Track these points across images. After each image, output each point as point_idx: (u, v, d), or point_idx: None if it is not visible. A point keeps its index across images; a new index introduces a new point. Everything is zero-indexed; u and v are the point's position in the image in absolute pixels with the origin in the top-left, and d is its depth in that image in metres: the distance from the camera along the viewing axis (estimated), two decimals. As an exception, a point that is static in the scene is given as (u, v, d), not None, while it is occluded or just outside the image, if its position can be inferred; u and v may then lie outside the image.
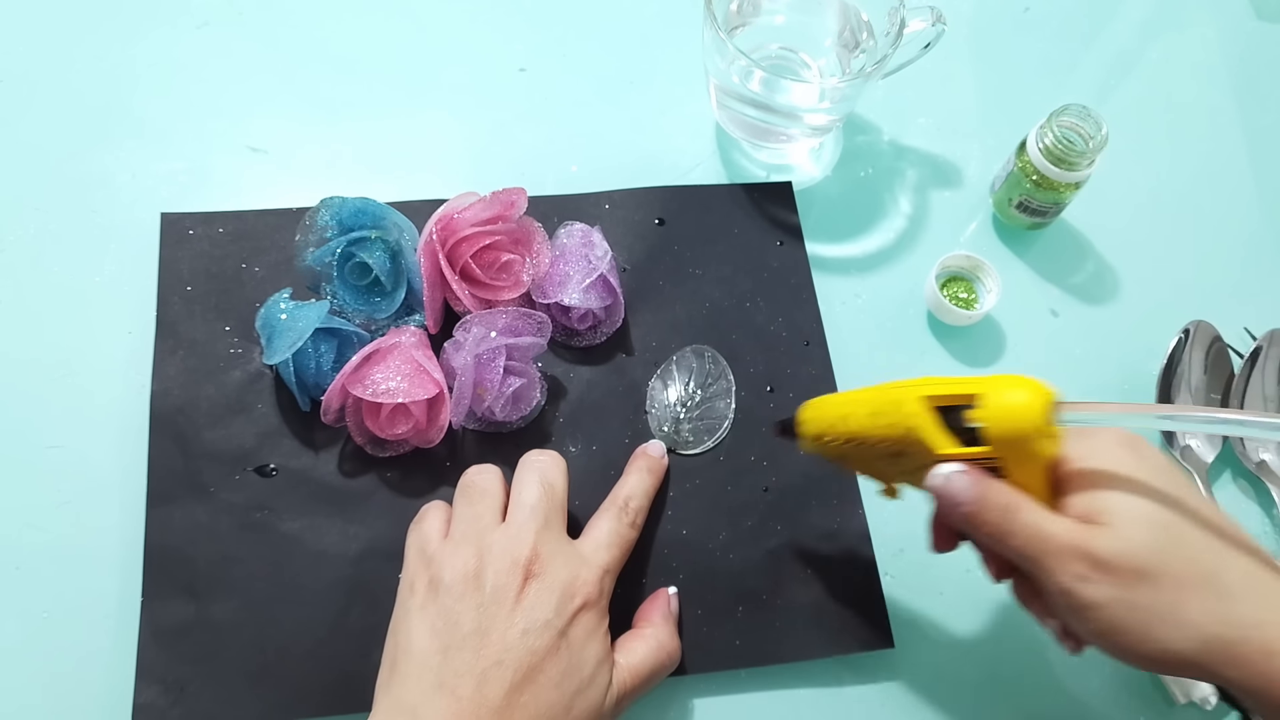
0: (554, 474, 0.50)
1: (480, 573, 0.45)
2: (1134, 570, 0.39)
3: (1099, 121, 0.61)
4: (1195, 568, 0.40)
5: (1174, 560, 0.40)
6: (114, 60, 0.67)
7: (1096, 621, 0.40)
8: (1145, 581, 0.39)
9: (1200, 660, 0.39)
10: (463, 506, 0.49)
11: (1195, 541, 0.40)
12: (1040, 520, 0.41)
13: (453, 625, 0.44)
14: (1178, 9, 0.82)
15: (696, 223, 0.65)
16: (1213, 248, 0.71)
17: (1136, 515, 0.40)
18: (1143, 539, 0.40)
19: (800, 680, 0.54)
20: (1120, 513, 0.40)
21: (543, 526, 0.47)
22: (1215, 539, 0.41)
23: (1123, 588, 0.40)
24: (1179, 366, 0.63)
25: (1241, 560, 0.40)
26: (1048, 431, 0.40)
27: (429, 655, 0.43)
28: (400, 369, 0.53)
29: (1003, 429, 0.40)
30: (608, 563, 0.49)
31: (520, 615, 0.44)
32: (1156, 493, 0.41)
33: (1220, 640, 0.39)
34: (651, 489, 0.55)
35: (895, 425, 0.43)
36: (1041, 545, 0.41)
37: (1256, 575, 0.40)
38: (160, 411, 0.55)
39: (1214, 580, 0.40)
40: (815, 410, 0.49)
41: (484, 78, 0.70)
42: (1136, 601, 0.40)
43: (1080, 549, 0.40)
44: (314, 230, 0.55)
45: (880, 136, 0.72)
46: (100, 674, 0.50)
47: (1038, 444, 0.40)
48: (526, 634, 0.43)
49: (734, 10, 0.66)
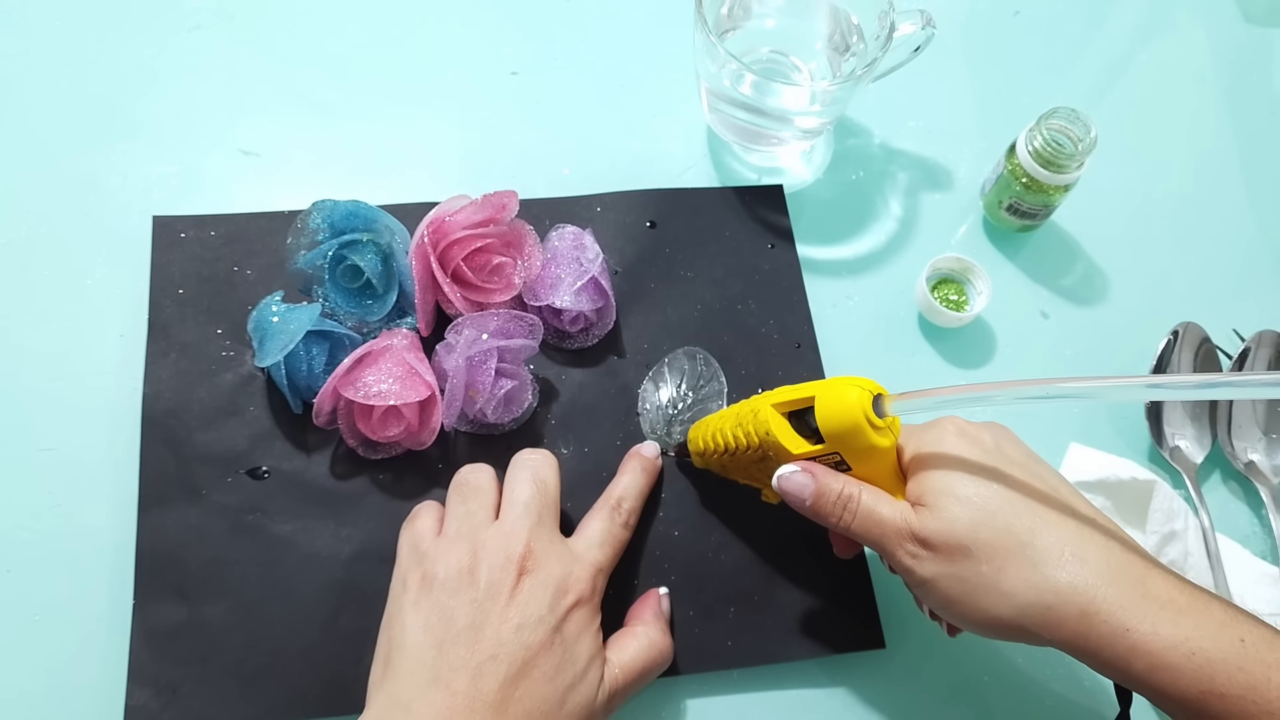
0: (546, 471, 0.51)
1: (474, 569, 0.45)
2: (954, 546, 0.43)
3: (1088, 124, 0.62)
4: (1010, 539, 0.43)
5: (990, 534, 0.43)
6: (106, 63, 0.67)
7: (933, 595, 0.45)
8: (965, 556, 0.43)
9: (1023, 624, 0.42)
10: (456, 504, 0.49)
11: (1011, 514, 0.43)
12: (874, 506, 0.46)
13: (447, 621, 0.44)
14: (1166, 13, 0.82)
15: (688, 225, 0.65)
16: (1202, 250, 0.71)
17: (955, 495, 0.44)
18: (960, 516, 0.43)
19: (792, 680, 0.54)
20: (941, 493, 0.44)
21: (536, 524, 0.48)
22: (1032, 510, 0.44)
23: (947, 563, 0.44)
24: (1168, 368, 0.64)
25: (1057, 528, 0.43)
26: (877, 424, 0.44)
27: (423, 650, 0.43)
28: (392, 371, 0.53)
29: (832, 425, 0.44)
30: (600, 561, 0.49)
31: (515, 610, 0.44)
32: (977, 471, 0.44)
33: (1036, 606, 0.42)
34: (645, 489, 0.55)
35: (754, 433, 0.48)
36: (878, 529, 0.45)
37: (1071, 541, 0.43)
38: (152, 414, 0.55)
39: (1028, 549, 0.42)
40: (697, 429, 0.54)
41: (476, 81, 0.71)
42: (961, 574, 0.43)
43: (908, 530, 0.45)
44: (306, 233, 0.55)
45: (871, 139, 0.73)
46: (92, 676, 0.50)
47: (868, 436, 0.44)
48: (521, 629, 0.44)
49: (725, 14, 0.66)
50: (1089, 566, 0.42)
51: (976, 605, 0.43)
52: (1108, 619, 0.41)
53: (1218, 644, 0.40)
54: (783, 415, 0.48)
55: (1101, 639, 0.41)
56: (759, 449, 0.48)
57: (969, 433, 0.46)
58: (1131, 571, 0.42)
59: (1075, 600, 0.41)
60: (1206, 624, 0.40)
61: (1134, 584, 0.41)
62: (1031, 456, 0.47)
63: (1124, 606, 0.41)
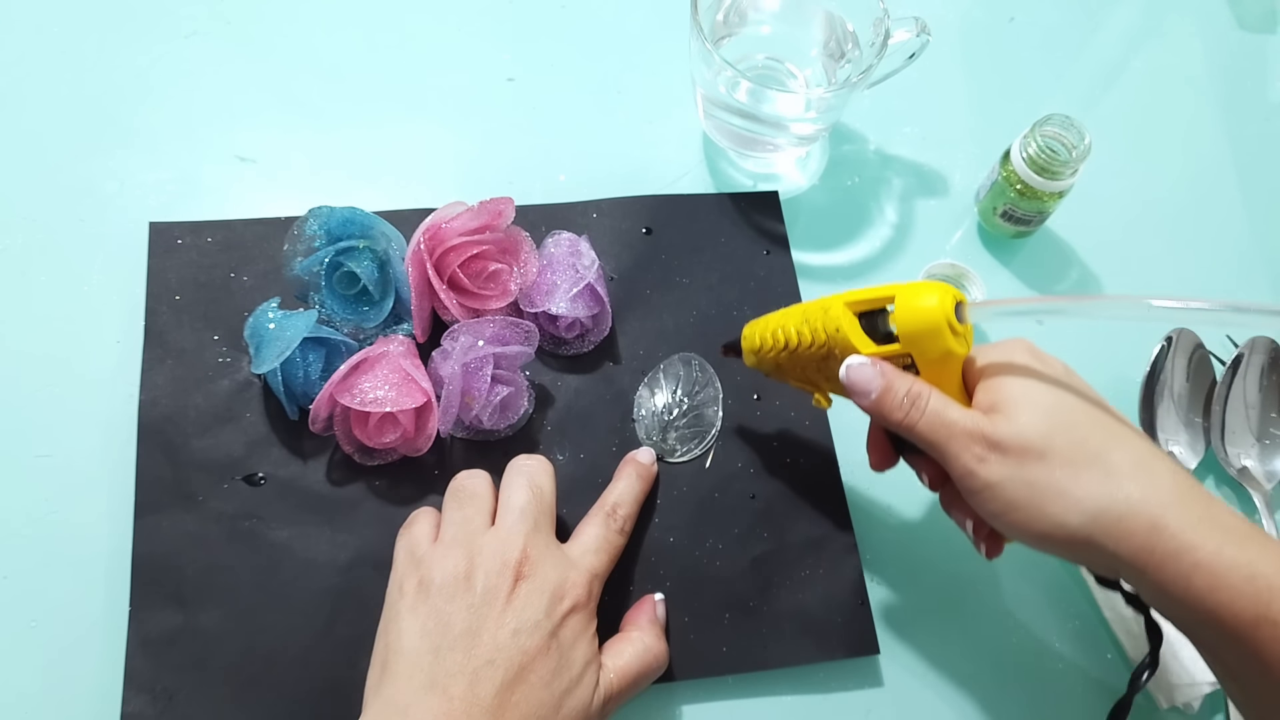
0: (542, 477, 0.51)
1: (471, 574, 0.46)
2: (1026, 449, 0.43)
3: (1082, 131, 0.62)
4: (1084, 449, 0.43)
5: (1064, 441, 0.43)
6: (103, 70, 0.67)
7: (995, 500, 0.44)
8: (1039, 459, 0.43)
9: (1089, 534, 0.42)
10: (452, 510, 0.49)
11: (1085, 425, 0.44)
12: (943, 408, 0.45)
13: (444, 626, 0.44)
14: (1161, 19, 0.83)
15: (683, 232, 0.65)
16: (1195, 255, 0.72)
17: (1029, 402, 0.44)
18: (1034, 422, 0.44)
19: (787, 686, 0.55)
20: (1017, 400, 0.45)
21: (532, 529, 0.48)
22: (1104, 425, 0.44)
23: (1017, 466, 0.43)
24: (1162, 374, 0.64)
25: (1129, 444, 0.44)
26: (956, 329, 0.44)
27: (420, 655, 0.44)
28: (388, 378, 0.54)
29: (911, 326, 0.44)
30: (595, 567, 0.49)
31: (511, 615, 0.44)
32: (1050, 383, 0.45)
33: (1109, 514, 0.42)
34: (640, 495, 0.55)
35: (820, 329, 0.48)
36: (945, 431, 0.45)
37: (1142, 458, 0.43)
38: (148, 420, 0.55)
39: (1102, 460, 0.43)
40: (755, 326, 0.54)
41: (472, 88, 0.71)
42: (1030, 478, 0.43)
43: (978, 433, 0.44)
44: (302, 240, 0.56)
45: (866, 146, 0.73)
46: (88, 683, 0.50)
47: (945, 340, 0.44)
48: (518, 634, 0.44)
49: (720, 21, 0.66)
50: (1160, 484, 0.42)
51: (1044, 511, 0.43)
52: (1176, 535, 0.41)
53: (1278, 571, 0.40)
54: (854, 315, 0.48)
55: (1167, 554, 0.41)
56: (824, 346, 0.48)
57: (1040, 354, 0.47)
58: (1199, 495, 0.42)
59: (1146, 512, 0.41)
60: (1268, 553, 0.40)
61: (1201, 506, 0.42)
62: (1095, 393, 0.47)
63: (1191, 525, 0.41)
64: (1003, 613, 0.58)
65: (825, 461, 0.59)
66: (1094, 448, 0.43)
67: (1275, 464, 0.62)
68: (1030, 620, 0.58)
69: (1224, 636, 0.40)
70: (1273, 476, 0.62)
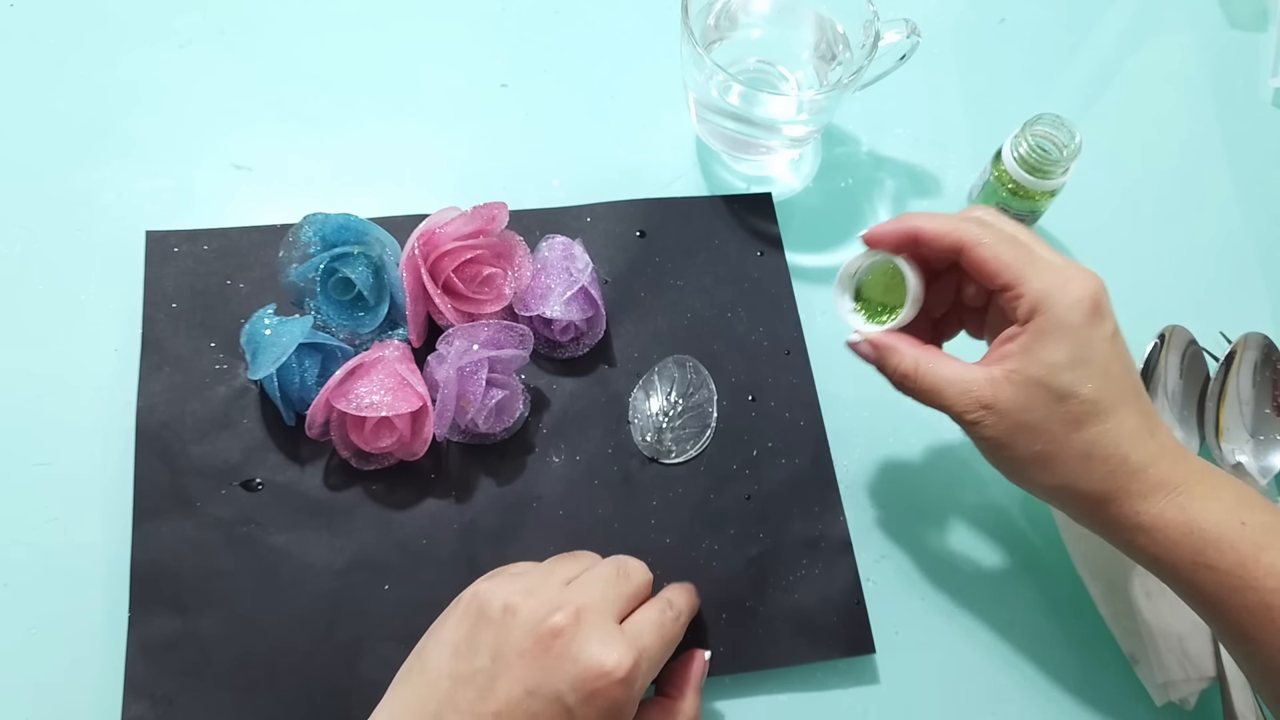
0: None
1: (518, 610, 0.43)
2: (1021, 410, 0.47)
3: (1072, 130, 0.62)
4: (1077, 414, 0.47)
5: (1058, 408, 0.47)
6: (98, 79, 0.67)
7: (990, 454, 0.50)
8: (1028, 425, 0.47)
9: (1059, 493, 0.49)
10: (575, 558, 0.50)
11: (1091, 384, 0.47)
12: (933, 382, 0.49)
13: (472, 653, 0.43)
14: (1152, 19, 0.83)
15: (677, 234, 0.65)
16: (1188, 253, 0.72)
17: (1048, 353, 0.47)
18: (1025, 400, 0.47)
19: (783, 686, 0.55)
20: (1035, 349, 0.47)
21: (599, 604, 0.44)
22: (1107, 389, 0.47)
23: (1010, 427, 0.47)
24: (1155, 370, 0.64)
25: (1122, 411, 0.47)
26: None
27: (439, 679, 0.43)
28: (384, 383, 0.54)
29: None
30: (647, 648, 0.44)
31: (534, 674, 0.42)
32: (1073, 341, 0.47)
33: (1070, 488, 0.48)
34: (691, 604, 0.51)
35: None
36: (939, 399, 0.49)
37: (1133, 429, 0.47)
38: (146, 427, 0.55)
39: (1088, 426, 0.47)
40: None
41: (466, 94, 0.71)
42: (1020, 440, 0.48)
43: (970, 399, 0.48)
44: (297, 246, 0.56)
45: (859, 147, 0.73)
46: (88, 689, 0.51)
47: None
48: (531, 696, 0.41)
49: (711, 25, 0.66)
50: (1137, 453, 0.47)
51: (1025, 477, 0.49)
52: (1129, 501, 0.47)
53: (1218, 523, 0.45)
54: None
55: (1119, 518, 0.47)
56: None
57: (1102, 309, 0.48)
58: (1169, 459, 0.47)
59: (1111, 486, 0.47)
60: (1213, 505, 0.45)
61: (1165, 469, 0.47)
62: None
63: (1147, 493, 0.46)
64: (1000, 611, 0.58)
65: (820, 461, 0.60)
66: (1086, 412, 0.46)
67: (1269, 460, 0.62)
68: (1027, 618, 0.58)
69: (1165, 575, 0.48)
70: (1267, 472, 0.62)
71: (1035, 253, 0.48)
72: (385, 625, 0.53)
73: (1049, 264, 0.47)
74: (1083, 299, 0.46)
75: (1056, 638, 0.58)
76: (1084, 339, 0.46)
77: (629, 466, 0.58)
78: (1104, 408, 0.46)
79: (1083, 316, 0.46)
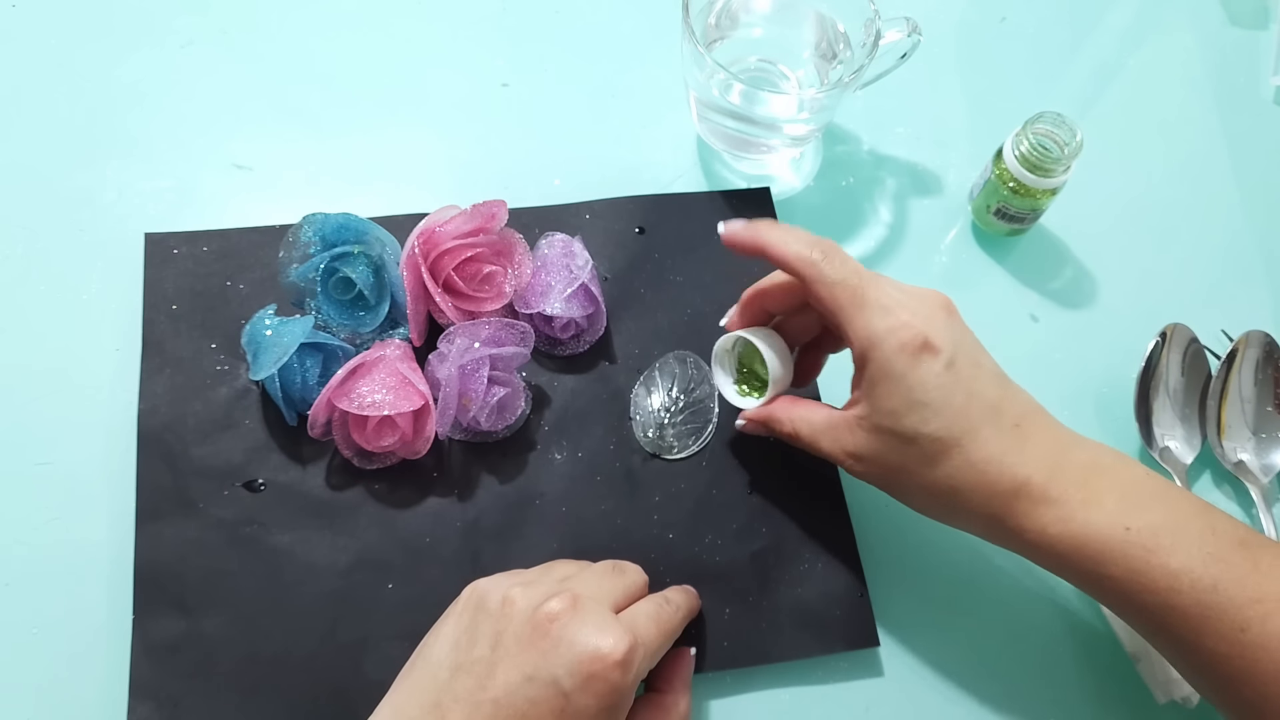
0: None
1: (514, 601, 0.44)
2: (885, 450, 0.49)
3: (1073, 128, 0.62)
4: (941, 441, 0.47)
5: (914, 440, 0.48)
6: (100, 80, 0.68)
7: (872, 481, 0.52)
8: (896, 458, 0.49)
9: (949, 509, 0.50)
10: (565, 562, 0.51)
11: (947, 415, 0.47)
12: (809, 433, 0.52)
13: (471, 644, 0.43)
14: (1152, 17, 0.83)
15: (676, 230, 0.65)
16: (1189, 251, 0.72)
17: (894, 395, 0.48)
18: (892, 418, 0.48)
19: (785, 679, 0.55)
20: (884, 392, 0.48)
21: (595, 593, 0.45)
22: (968, 412, 0.47)
23: (881, 466, 0.50)
24: (1157, 369, 0.64)
25: (984, 434, 0.47)
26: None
27: (440, 669, 0.43)
28: (385, 382, 0.54)
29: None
30: (643, 636, 0.44)
31: (531, 658, 0.42)
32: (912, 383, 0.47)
33: (959, 495, 0.48)
34: (691, 603, 0.52)
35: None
36: (815, 446, 0.52)
37: (1002, 447, 0.47)
38: (148, 429, 0.55)
39: (956, 451, 0.47)
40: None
41: (467, 93, 0.71)
42: (889, 476, 0.50)
43: (840, 450, 0.51)
44: (297, 246, 0.56)
45: (860, 146, 0.73)
46: (92, 691, 0.51)
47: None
48: (529, 681, 0.41)
49: (712, 24, 0.66)
50: (1022, 469, 0.47)
51: (909, 500, 0.51)
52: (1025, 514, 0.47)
53: (1101, 534, 0.45)
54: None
55: (1010, 531, 0.48)
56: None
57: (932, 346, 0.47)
58: (1053, 474, 0.47)
59: (994, 506, 0.48)
60: (1094, 516, 0.46)
61: (1058, 485, 0.47)
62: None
63: (1030, 510, 0.47)
64: (1003, 604, 0.58)
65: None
66: (954, 436, 0.47)
67: (1271, 458, 0.62)
68: (1030, 612, 0.58)
69: (1076, 582, 0.48)
70: (1269, 470, 0.62)
71: (865, 295, 0.48)
72: (389, 624, 0.53)
73: (877, 307, 0.47)
74: (906, 343, 0.46)
75: (1060, 634, 0.58)
76: (913, 383, 0.46)
77: (631, 463, 0.58)
78: (952, 443, 0.47)
79: (907, 361, 0.46)
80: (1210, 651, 0.44)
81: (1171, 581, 0.44)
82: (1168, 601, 0.44)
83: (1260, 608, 0.43)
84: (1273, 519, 0.61)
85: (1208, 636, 0.44)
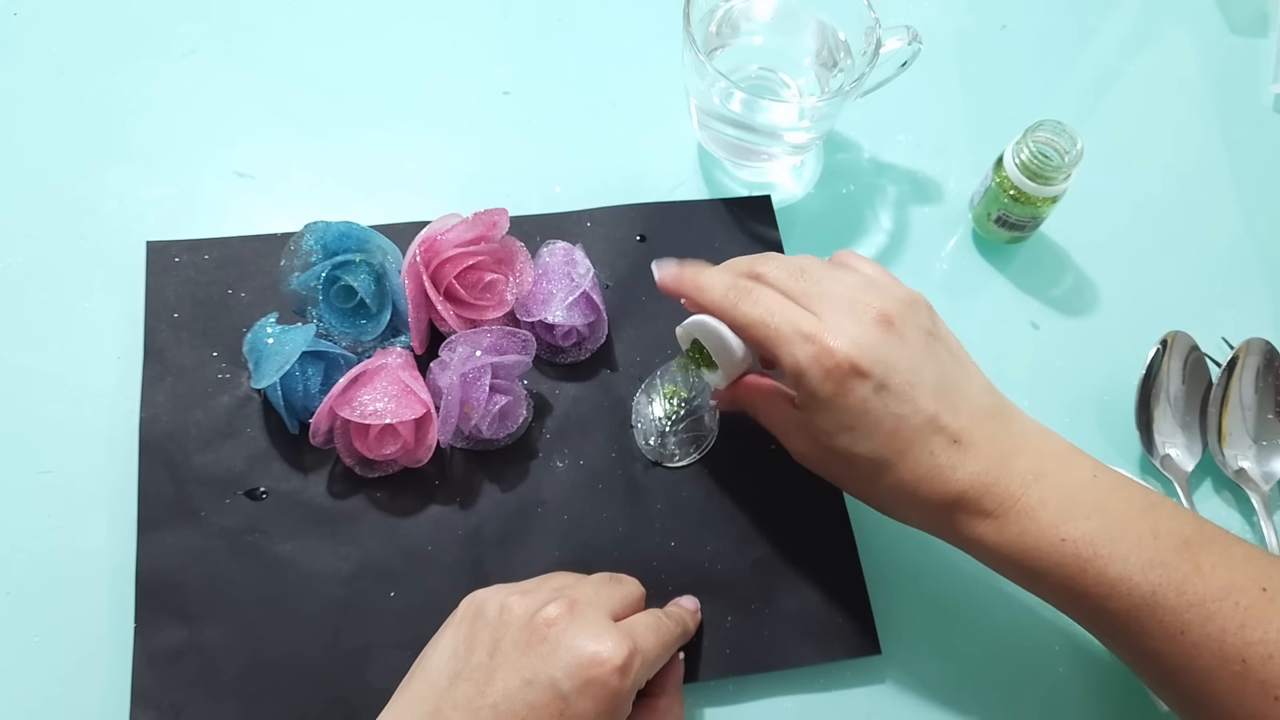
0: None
1: (512, 609, 0.44)
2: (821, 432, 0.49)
3: (1074, 136, 0.62)
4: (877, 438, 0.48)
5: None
6: (102, 88, 0.68)
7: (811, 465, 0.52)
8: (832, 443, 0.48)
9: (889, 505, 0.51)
10: (562, 574, 0.51)
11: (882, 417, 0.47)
12: (764, 405, 0.53)
13: (470, 651, 0.44)
14: (1152, 25, 0.83)
15: (677, 238, 0.65)
16: (1190, 259, 0.72)
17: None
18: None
19: (787, 687, 0.55)
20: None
21: (593, 600, 0.46)
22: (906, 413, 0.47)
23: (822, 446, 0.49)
24: (1158, 376, 0.64)
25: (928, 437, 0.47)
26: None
27: (439, 678, 0.43)
28: (387, 390, 0.54)
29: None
30: (641, 643, 0.44)
31: (530, 663, 0.42)
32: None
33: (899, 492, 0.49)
34: (690, 622, 0.52)
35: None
36: (771, 425, 0.53)
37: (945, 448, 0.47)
38: (150, 437, 0.55)
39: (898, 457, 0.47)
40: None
41: (468, 101, 0.71)
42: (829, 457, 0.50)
43: (791, 425, 0.51)
44: (299, 255, 0.56)
45: (861, 154, 0.73)
46: (94, 699, 0.51)
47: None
48: (528, 686, 0.41)
49: (713, 32, 0.67)
50: (968, 468, 0.47)
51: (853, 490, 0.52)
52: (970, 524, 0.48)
53: (1038, 546, 0.46)
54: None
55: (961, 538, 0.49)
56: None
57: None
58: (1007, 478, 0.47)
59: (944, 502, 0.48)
60: (1030, 528, 0.46)
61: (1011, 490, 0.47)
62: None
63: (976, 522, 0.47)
64: (1005, 612, 0.58)
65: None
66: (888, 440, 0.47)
67: (1272, 465, 0.62)
68: (1032, 620, 0.58)
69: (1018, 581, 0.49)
70: (1270, 478, 0.62)
71: (779, 332, 0.47)
72: (391, 632, 0.53)
73: (798, 338, 0.47)
74: (830, 370, 0.46)
75: (1060, 641, 0.58)
76: (841, 408, 0.46)
77: (632, 470, 0.58)
78: (887, 462, 0.47)
79: (834, 389, 0.46)
80: (1147, 650, 0.45)
81: (1109, 589, 0.44)
82: (1104, 606, 0.45)
83: (1200, 610, 0.43)
84: (1274, 526, 0.61)
85: (1146, 638, 0.44)
